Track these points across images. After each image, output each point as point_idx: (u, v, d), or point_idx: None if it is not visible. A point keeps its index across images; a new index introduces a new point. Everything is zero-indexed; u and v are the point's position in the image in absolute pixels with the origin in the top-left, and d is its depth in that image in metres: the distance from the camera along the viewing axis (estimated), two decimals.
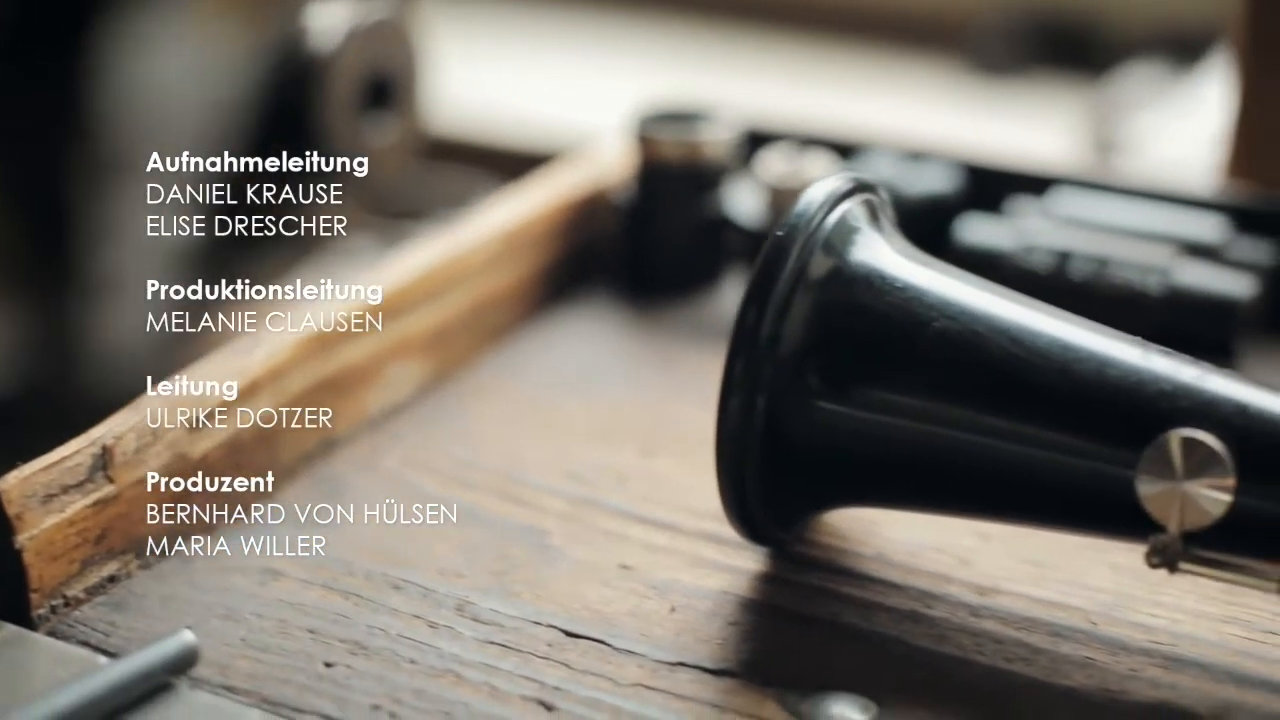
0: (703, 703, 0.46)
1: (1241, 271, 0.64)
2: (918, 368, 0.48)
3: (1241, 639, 0.49)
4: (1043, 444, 0.46)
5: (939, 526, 0.52)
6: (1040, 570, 0.51)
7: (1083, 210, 0.67)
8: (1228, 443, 0.44)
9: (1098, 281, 0.63)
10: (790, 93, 1.26)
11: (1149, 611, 0.50)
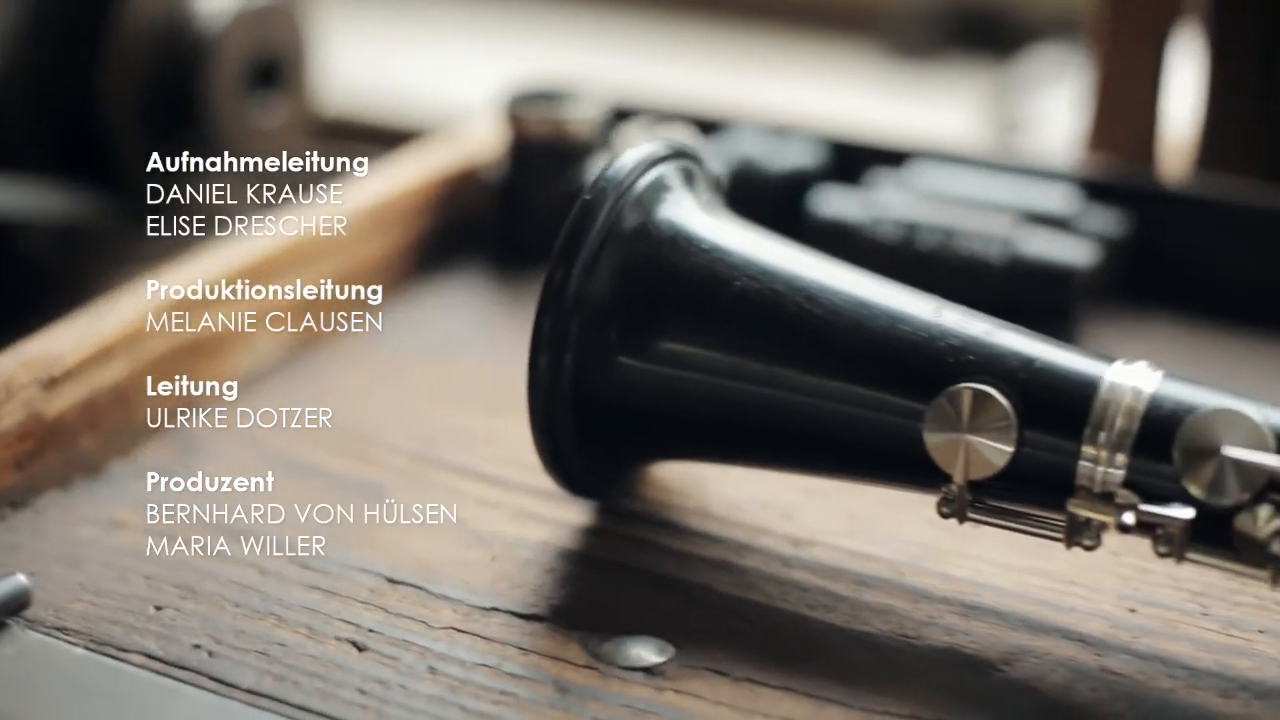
0: (508, 644, 0.48)
1: (1089, 241, 0.66)
2: (720, 325, 0.50)
3: (1042, 589, 0.50)
4: (838, 398, 0.48)
5: (766, 482, 0.54)
6: (857, 524, 0.53)
7: (937, 183, 0.69)
8: (1011, 396, 0.46)
9: (943, 252, 0.65)
10: (703, 77, 1.27)
11: (956, 563, 0.51)
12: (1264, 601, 0.49)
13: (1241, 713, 0.46)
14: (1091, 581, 0.51)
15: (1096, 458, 0.45)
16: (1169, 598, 0.50)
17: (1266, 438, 0.44)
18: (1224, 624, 0.49)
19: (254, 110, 0.94)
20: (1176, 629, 0.49)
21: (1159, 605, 0.50)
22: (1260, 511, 0.44)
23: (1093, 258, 0.65)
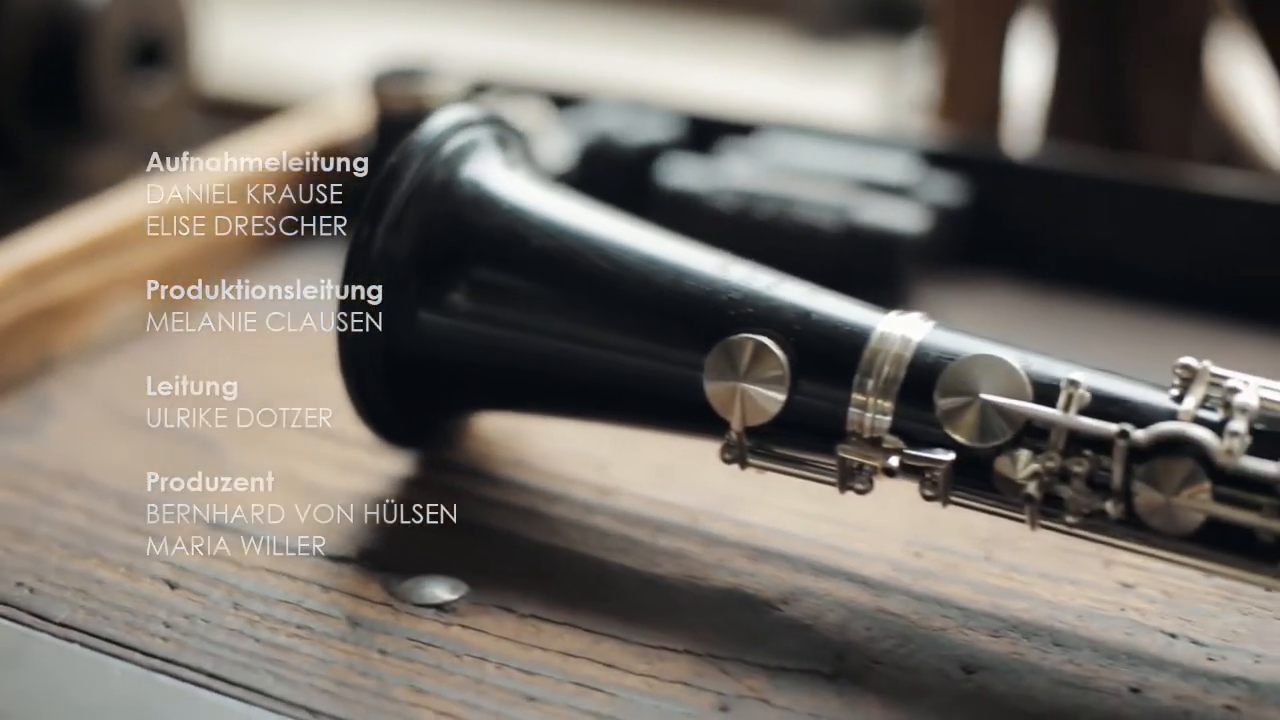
0: (313, 583, 0.49)
1: (925, 209, 0.68)
2: (518, 282, 0.51)
3: (833, 534, 0.52)
4: (627, 349, 0.50)
5: (582, 435, 0.56)
6: (664, 474, 0.55)
7: (784, 154, 0.72)
8: (786, 346, 0.49)
9: (780, 220, 0.67)
10: (605, 60, 1.28)
11: (753, 510, 0.53)
12: (1047, 547, 0.50)
13: (1008, 650, 0.48)
14: (882, 527, 0.53)
15: (865, 404, 0.47)
16: (955, 543, 0.52)
17: (1024, 384, 0.46)
18: (1005, 568, 0.51)
19: (137, 89, 0.95)
20: (958, 572, 0.51)
21: (944, 550, 0.52)
22: (1019, 454, 0.46)
23: (923, 224, 0.67)
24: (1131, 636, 0.48)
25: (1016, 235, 0.72)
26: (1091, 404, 0.45)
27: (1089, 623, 0.49)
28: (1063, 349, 0.48)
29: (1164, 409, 0.45)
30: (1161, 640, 0.48)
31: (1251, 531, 0.44)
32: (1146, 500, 0.44)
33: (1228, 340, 0.68)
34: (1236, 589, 0.47)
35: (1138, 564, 0.48)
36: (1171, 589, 0.50)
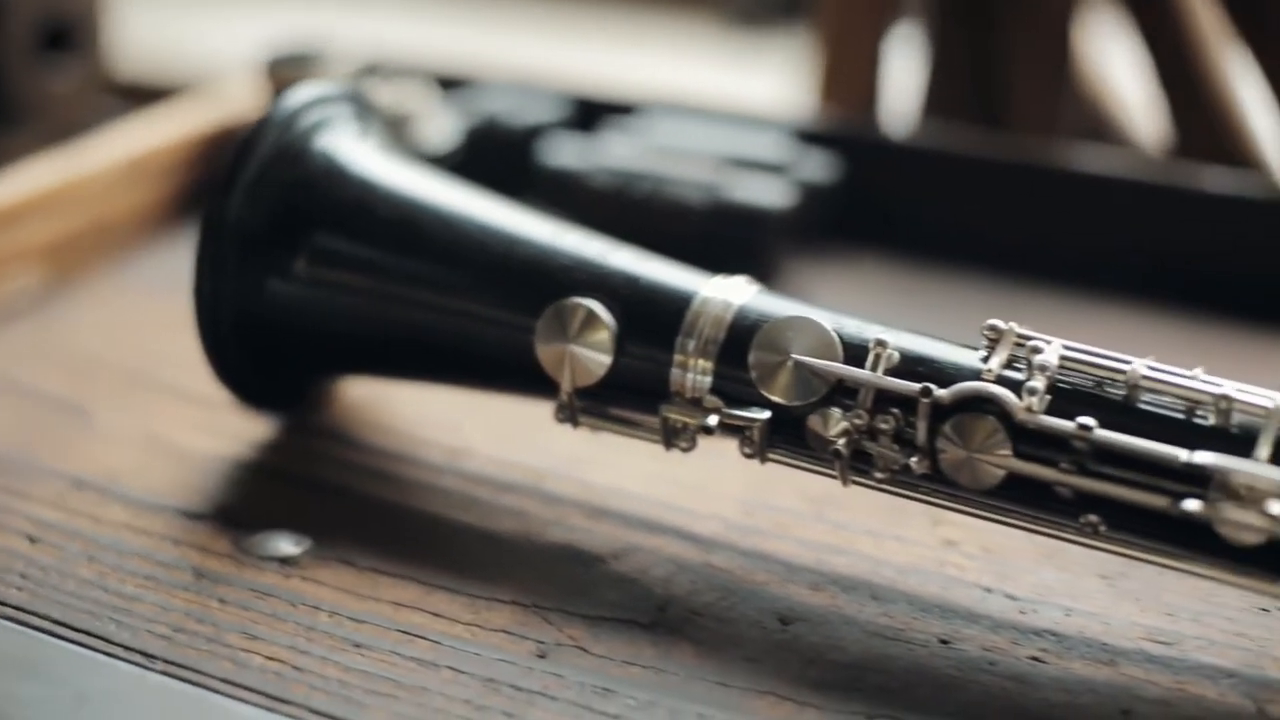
0: (166, 538, 0.50)
1: (794, 185, 0.69)
2: (365, 249, 0.52)
3: (671, 493, 0.53)
4: (466, 314, 0.51)
5: (441, 399, 0.57)
6: (515, 436, 0.56)
7: (664, 133, 0.73)
8: (614, 309, 0.50)
9: (654, 198, 0.68)
10: (544, 49, 1.30)
11: (596, 470, 0.54)
12: (877, 506, 0.51)
13: (825, 603, 0.48)
14: (719, 487, 0.54)
15: (686, 365, 0.48)
16: (788, 502, 0.53)
17: (835, 344, 0.47)
18: (834, 526, 0.52)
19: (47, 73, 0.95)
20: (787, 530, 0.52)
21: (776, 509, 0.53)
22: (830, 413, 0.47)
23: (790, 201, 0.68)
24: (948, 591, 0.49)
25: (889, 211, 0.73)
26: (900, 364, 0.46)
27: (908, 578, 0.50)
28: (928, 322, 0.49)
29: (970, 369, 0.46)
30: (977, 594, 0.49)
31: (1049, 487, 0.45)
32: (950, 456, 0.45)
33: (1086, 311, 0.69)
34: (1055, 546, 0.48)
35: (962, 523, 0.48)
36: (993, 546, 0.51)
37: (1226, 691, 0.45)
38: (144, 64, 1.18)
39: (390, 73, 0.77)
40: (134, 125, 0.75)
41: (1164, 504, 0.43)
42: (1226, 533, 0.43)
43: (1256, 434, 0.43)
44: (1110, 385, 0.45)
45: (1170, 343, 0.66)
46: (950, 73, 0.80)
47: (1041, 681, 0.46)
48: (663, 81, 0.90)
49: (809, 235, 0.70)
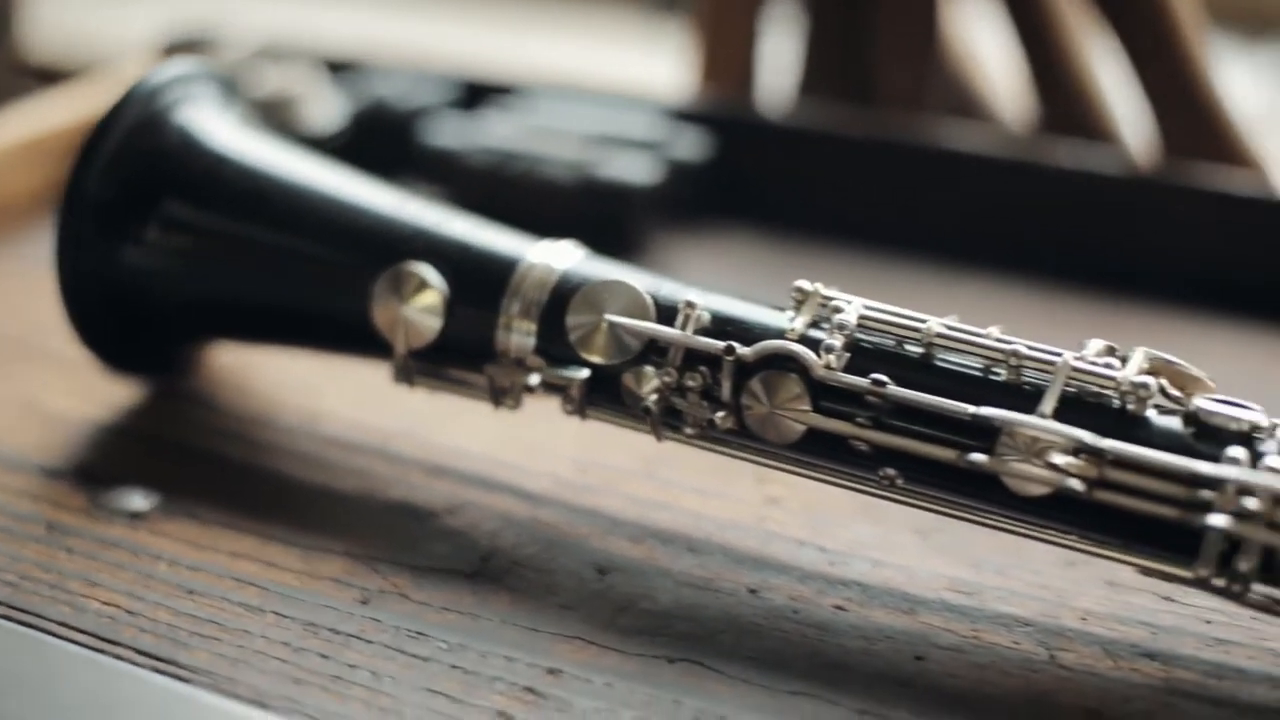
0: (24, 493, 0.51)
1: (664, 163, 0.71)
2: (218, 219, 0.53)
3: (509, 452, 0.54)
4: (310, 280, 0.52)
5: (303, 363, 0.58)
6: (370, 399, 0.56)
7: (544, 114, 0.74)
8: (446, 273, 0.50)
9: (527, 176, 0.69)
10: (455, 35, 1.30)
11: (442, 431, 0.55)
12: (706, 465, 0.51)
13: (644, 555, 0.49)
14: (555, 446, 0.55)
15: (510, 326, 0.49)
16: (620, 460, 0.54)
17: (647, 305, 0.48)
18: (662, 483, 0.53)
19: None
20: (616, 486, 0.53)
21: (608, 466, 0.54)
22: (642, 371, 0.48)
23: (656, 178, 0.69)
24: (764, 545, 0.50)
25: (760, 188, 0.74)
26: (710, 324, 0.47)
27: (727, 532, 0.51)
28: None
29: (776, 329, 0.47)
30: (792, 548, 0.50)
31: (847, 441, 0.46)
32: (754, 412, 0.46)
33: (952, 284, 0.70)
34: (872, 503, 0.48)
35: (786, 481, 0.49)
36: (813, 503, 0.52)
37: (1021, 639, 0.46)
38: (59, 47, 1.18)
39: (280, 56, 0.78)
40: (30, 107, 0.76)
41: (953, 456, 0.44)
42: (1013, 485, 0.44)
43: (1044, 390, 0.44)
44: (910, 343, 0.46)
45: (1030, 314, 0.67)
46: (823, 51, 0.81)
47: (841, 629, 0.46)
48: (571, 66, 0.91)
49: (678, 211, 0.71)
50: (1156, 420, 0.44)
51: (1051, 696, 0.44)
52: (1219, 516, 0.42)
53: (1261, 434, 0.43)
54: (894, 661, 0.45)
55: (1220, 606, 0.43)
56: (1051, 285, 0.70)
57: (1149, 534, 0.43)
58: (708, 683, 0.44)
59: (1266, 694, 0.44)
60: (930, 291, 0.69)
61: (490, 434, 0.55)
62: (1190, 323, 0.68)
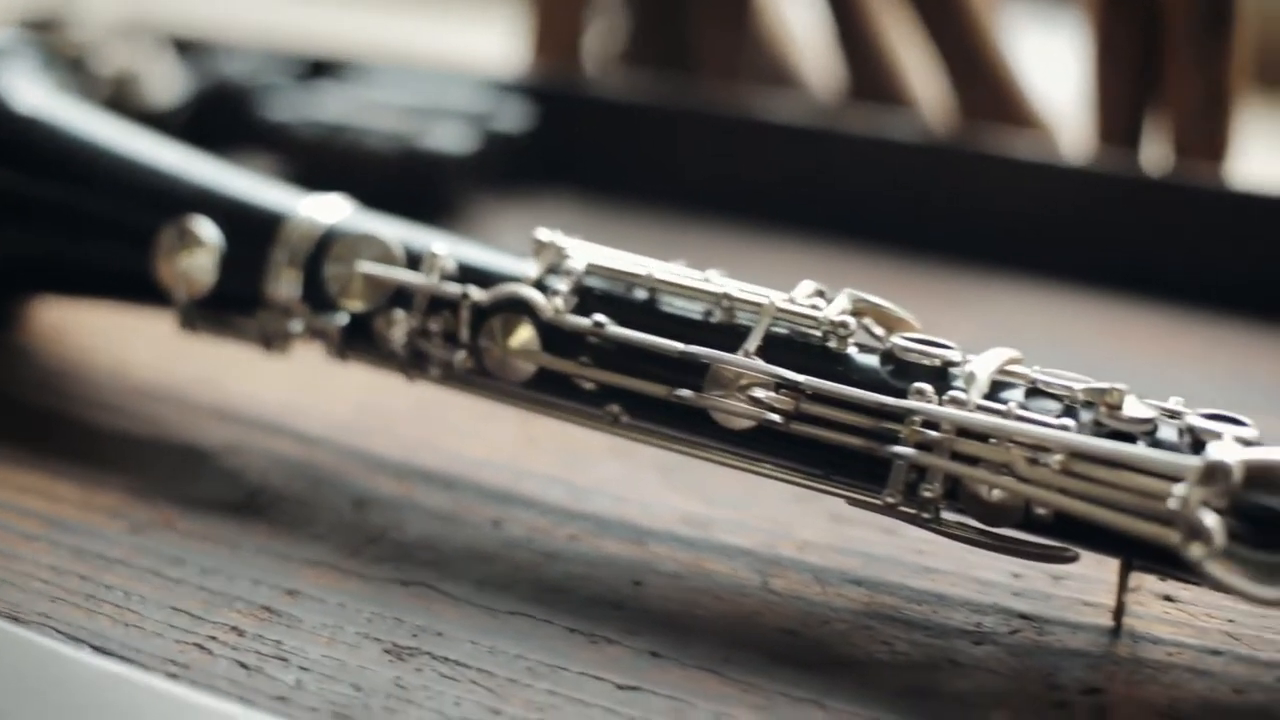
0: None
1: (484, 134, 0.72)
2: (29, 180, 0.55)
3: (295, 398, 0.56)
4: (97, 233, 0.53)
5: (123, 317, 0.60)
6: (176, 350, 0.58)
7: (376, 89, 0.76)
8: (222, 226, 0.52)
9: (352, 148, 0.71)
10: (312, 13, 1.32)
11: (239, 381, 0.57)
12: (478, 410, 0.52)
13: (402, 491, 0.51)
14: (339, 390, 0.56)
15: (279, 276, 0.51)
16: (398, 403, 0.55)
17: (398, 255, 0.50)
18: (431, 425, 0.55)
19: None
20: (391, 429, 0.54)
21: (385, 410, 0.55)
22: (393, 316, 0.49)
23: (473, 147, 0.71)
24: (517, 482, 0.52)
25: (582, 157, 0.76)
26: (455, 272, 0.49)
27: (483, 469, 0.52)
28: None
29: (515, 275, 0.49)
30: (541, 484, 0.51)
31: (572, 379, 0.47)
32: (490, 353, 0.48)
33: (765, 246, 0.72)
34: (620, 443, 0.49)
35: (546, 423, 0.50)
36: (567, 443, 0.53)
37: (739, 568, 0.47)
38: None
39: (129, 34, 0.79)
40: None
41: (664, 392, 0.46)
42: (720, 418, 0.45)
43: (750, 329, 0.46)
44: (637, 287, 0.47)
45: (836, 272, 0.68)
46: (645, 23, 0.82)
47: (569, 557, 0.48)
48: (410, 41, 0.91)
49: (497, 179, 0.73)
50: (856, 357, 0.45)
51: (756, 618, 0.45)
52: (904, 446, 0.43)
53: (955, 369, 0.44)
54: (613, 586, 0.46)
55: (933, 538, 0.44)
56: (855, 247, 0.72)
57: (845, 464, 0.45)
58: (434, 603, 0.45)
59: (963, 618, 0.45)
60: (742, 254, 0.71)
61: (282, 380, 0.57)
62: (980, 280, 0.70)
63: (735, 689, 0.42)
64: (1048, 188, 0.70)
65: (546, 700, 0.41)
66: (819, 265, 0.70)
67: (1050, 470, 0.42)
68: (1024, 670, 0.43)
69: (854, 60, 0.79)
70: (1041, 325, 0.66)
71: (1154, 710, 0.41)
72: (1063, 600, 0.46)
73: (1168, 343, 0.65)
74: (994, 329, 0.65)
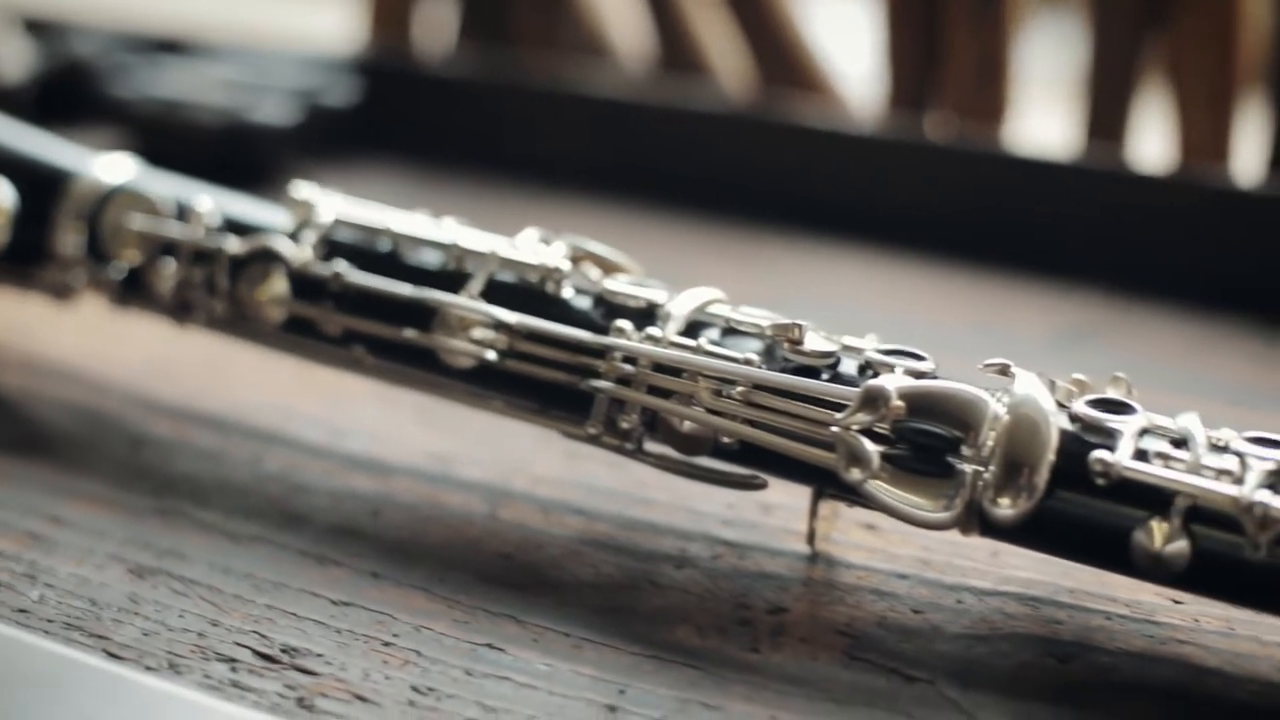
0: None
1: (308, 107, 0.75)
2: None
3: (104, 349, 0.58)
4: None
5: None
6: None
7: (212, 66, 0.78)
8: (18, 186, 0.53)
9: (184, 122, 0.74)
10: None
11: (44, 335, 0.59)
12: (258, 359, 0.54)
13: (176, 433, 0.53)
14: (132, 341, 0.58)
15: (66, 230, 0.52)
16: (195, 357, 0.57)
17: (166, 209, 0.51)
18: (219, 377, 0.57)
19: None
20: (179, 379, 0.57)
21: (181, 361, 0.57)
22: (163, 265, 0.51)
23: (296, 120, 0.73)
24: (286, 423, 0.54)
25: (407, 129, 0.79)
26: (221, 225, 0.51)
27: (255, 412, 0.54)
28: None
29: (274, 228, 0.51)
30: (305, 424, 0.54)
31: (317, 323, 0.49)
32: (246, 301, 0.50)
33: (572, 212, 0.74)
34: (388, 390, 0.51)
35: (320, 371, 0.52)
36: (338, 388, 0.54)
37: (471, 499, 0.49)
38: None
39: None
40: None
41: (393, 334, 0.48)
42: (446, 358, 0.47)
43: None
44: (382, 239, 0.49)
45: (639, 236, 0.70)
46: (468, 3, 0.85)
47: (318, 489, 0.50)
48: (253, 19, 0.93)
49: (323, 151, 0.75)
50: (571, 299, 0.47)
51: (477, 544, 0.47)
52: (604, 381, 0.45)
53: (660, 310, 0.46)
54: (351, 516, 0.48)
55: (655, 473, 0.46)
56: (660, 212, 0.74)
57: (556, 399, 0.47)
58: (183, 529, 0.47)
59: (671, 544, 0.47)
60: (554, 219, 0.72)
61: (84, 331, 0.59)
62: (774, 242, 0.72)
63: (442, 605, 0.44)
64: (836, 153, 0.72)
65: (264, 613, 0.43)
66: (624, 230, 0.71)
67: (734, 402, 0.44)
68: (717, 591, 0.45)
69: (663, 30, 0.81)
70: (828, 284, 0.69)
71: (831, 627, 0.43)
72: (769, 529, 0.48)
73: (945, 299, 0.68)
74: (782, 289, 0.67)
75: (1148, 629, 0.43)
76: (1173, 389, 0.57)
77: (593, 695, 0.40)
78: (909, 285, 0.69)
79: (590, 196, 0.75)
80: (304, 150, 0.74)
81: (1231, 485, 0.39)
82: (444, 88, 0.79)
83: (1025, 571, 0.45)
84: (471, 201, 0.75)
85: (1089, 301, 0.67)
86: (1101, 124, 0.71)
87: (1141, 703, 0.40)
